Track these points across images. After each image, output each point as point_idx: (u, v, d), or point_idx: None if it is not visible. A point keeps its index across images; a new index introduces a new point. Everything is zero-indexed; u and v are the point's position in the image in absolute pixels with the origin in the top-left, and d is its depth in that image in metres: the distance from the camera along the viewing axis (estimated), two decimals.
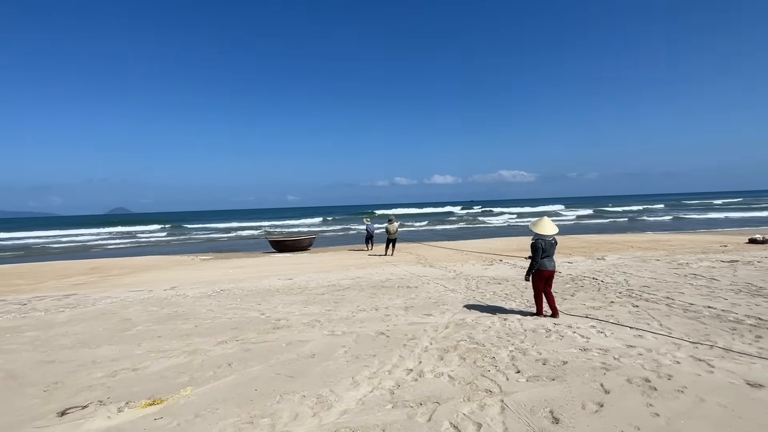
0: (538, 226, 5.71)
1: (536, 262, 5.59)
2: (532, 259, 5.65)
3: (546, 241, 5.56)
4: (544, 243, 5.55)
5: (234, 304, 7.86)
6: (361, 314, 6.61)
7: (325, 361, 4.46)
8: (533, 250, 5.64)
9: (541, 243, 5.56)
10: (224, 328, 6.11)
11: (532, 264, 5.66)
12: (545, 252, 5.56)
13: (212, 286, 10.18)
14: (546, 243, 5.56)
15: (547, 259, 5.63)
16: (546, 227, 5.66)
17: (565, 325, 5.41)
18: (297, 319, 6.44)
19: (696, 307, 6.07)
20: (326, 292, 8.70)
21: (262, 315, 6.87)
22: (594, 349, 4.42)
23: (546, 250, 5.56)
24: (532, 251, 5.68)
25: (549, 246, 5.58)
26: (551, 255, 5.65)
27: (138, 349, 5.29)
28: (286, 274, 11.87)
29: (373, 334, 5.42)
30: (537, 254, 5.57)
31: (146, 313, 7.39)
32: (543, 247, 5.54)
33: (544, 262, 5.62)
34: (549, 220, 5.80)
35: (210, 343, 5.36)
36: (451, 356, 4.42)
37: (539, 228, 5.69)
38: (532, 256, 5.66)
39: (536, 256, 5.58)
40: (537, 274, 5.69)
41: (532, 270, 5.68)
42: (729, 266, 9.92)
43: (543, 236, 5.61)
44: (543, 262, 5.61)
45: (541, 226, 5.70)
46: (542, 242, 5.56)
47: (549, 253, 5.61)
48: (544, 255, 5.57)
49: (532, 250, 5.65)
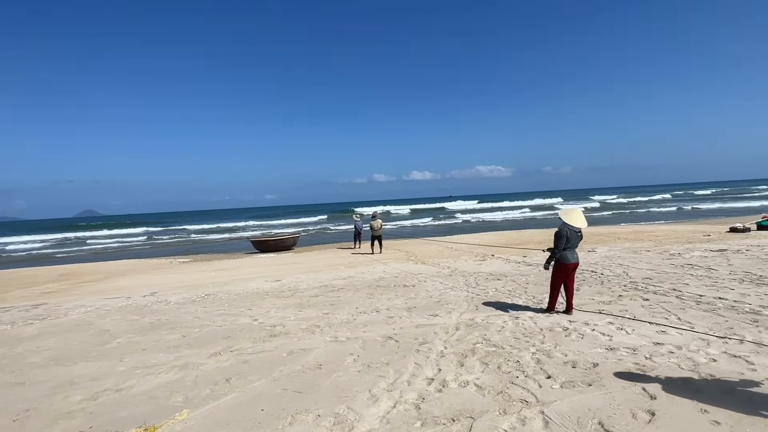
0: (569, 216, 5.40)
1: (558, 251, 5.31)
2: (553, 248, 5.36)
3: (572, 231, 5.29)
4: (569, 232, 5.27)
5: (222, 310, 7.34)
6: (362, 317, 6.22)
7: (334, 372, 4.06)
8: (557, 237, 5.32)
9: (567, 231, 5.26)
10: (215, 337, 5.62)
11: (552, 253, 5.37)
12: (569, 242, 5.27)
13: (195, 291, 9.59)
14: (571, 233, 5.28)
15: (570, 251, 5.35)
16: (577, 218, 5.36)
17: (581, 323, 5.17)
18: (294, 325, 6.00)
19: (707, 299, 5.93)
20: (320, 294, 8.26)
21: (254, 321, 6.39)
22: (621, 348, 4.16)
23: (570, 239, 5.28)
24: (555, 239, 5.37)
25: (574, 237, 5.30)
26: (575, 247, 5.37)
27: (121, 365, 4.75)
28: (273, 276, 11.35)
29: (381, 339, 5.04)
30: (560, 242, 5.26)
31: (126, 323, 6.80)
32: (568, 235, 5.25)
33: (566, 254, 5.33)
34: (581, 211, 5.52)
35: (202, 355, 4.88)
36: (471, 361, 4.09)
37: (569, 218, 5.37)
38: (555, 243, 5.35)
39: (559, 244, 5.27)
40: (559, 267, 5.41)
41: (552, 259, 5.39)
42: (721, 255, 9.97)
43: (571, 227, 5.32)
44: (565, 254, 5.33)
45: (571, 216, 5.40)
46: (567, 230, 5.27)
47: (573, 245, 5.34)
48: (568, 245, 5.29)
49: (556, 238, 5.33)
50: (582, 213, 5.46)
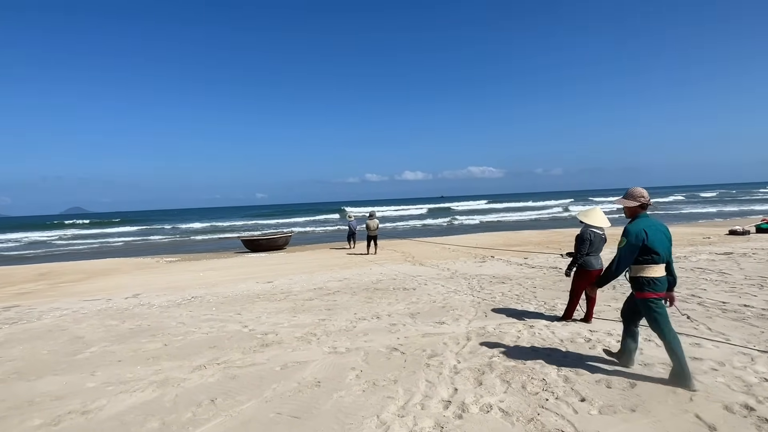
0: (589, 217, 4.94)
1: (581, 256, 4.85)
2: (576, 253, 4.89)
3: (596, 235, 4.83)
4: (593, 236, 4.81)
5: (209, 315, 6.79)
6: (362, 324, 5.72)
7: (335, 392, 3.56)
8: (579, 241, 4.87)
9: (590, 235, 4.81)
10: (200, 347, 5.08)
11: (575, 259, 4.91)
12: (593, 246, 4.82)
13: (181, 293, 9.01)
14: (595, 236, 4.83)
15: (594, 255, 4.90)
16: (598, 218, 4.91)
17: (603, 333, 4.73)
18: (288, 333, 5.48)
19: (732, 306, 5.54)
20: (314, 297, 7.74)
21: (244, 328, 5.86)
22: (656, 364, 3.72)
23: (594, 243, 4.82)
24: (577, 243, 4.91)
25: (598, 240, 4.85)
26: (599, 251, 4.92)
27: (91, 379, 4.20)
28: (264, 277, 10.80)
29: (385, 351, 4.55)
30: (583, 247, 4.81)
31: (103, 329, 6.23)
32: (591, 239, 4.79)
33: (590, 259, 4.88)
34: (600, 210, 5.06)
35: (184, 369, 4.34)
36: (490, 379, 3.62)
37: (590, 218, 4.92)
38: (576, 249, 4.89)
39: (581, 249, 4.82)
40: (582, 274, 4.95)
41: (574, 265, 4.93)
42: (729, 259, 9.66)
43: (594, 228, 4.87)
44: (589, 260, 4.87)
45: (592, 216, 4.94)
46: (591, 234, 4.82)
47: (597, 249, 4.88)
48: (592, 251, 4.83)
49: (578, 242, 4.88)
50: (602, 212, 5.01)
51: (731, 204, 42.18)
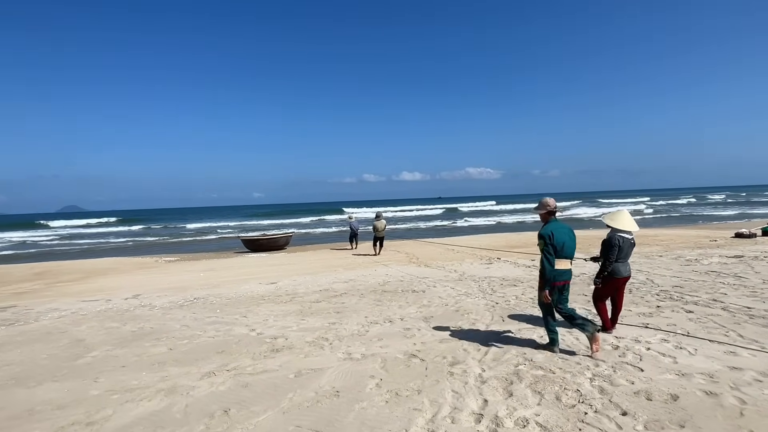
0: (617, 220, 4.67)
1: (610, 263, 4.58)
2: (604, 260, 4.62)
3: (625, 240, 4.57)
4: (622, 241, 4.55)
5: (213, 317, 6.57)
6: (374, 328, 5.51)
7: (356, 402, 3.35)
8: (608, 247, 4.58)
9: (619, 240, 4.54)
10: (208, 352, 4.86)
11: (604, 265, 4.62)
12: (622, 252, 4.55)
13: (183, 294, 8.77)
14: (624, 242, 4.56)
15: (622, 262, 4.63)
16: (626, 222, 4.62)
17: (631, 339, 4.54)
18: (298, 337, 5.27)
19: (758, 312, 5.36)
20: (321, 299, 7.52)
21: (252, 331, 5.64)
22: (695, 375, 3.53)
23: (624, 249, 4.56)
24: (605, 249, 4.62)
25: (627, 246, 4.57)
26: (628, 257, 4.65)
27: (94, 387, 3.97)
28: (267, 278, 10.57)
29: (403, 357, 4.34)
30: (612, 254, 4.52)
31: (104, 332, 6.00)
32: (620, 244, 4.54)
33: (618, 266, 4.60)
34: (628, 213, 4.80)
35: (193, 376, 4.12)
36: (521, 389, 3.41)
37: (618, 222, 4.64)
38: (605, 255, 4.62)
39: (611, 255, 4.53)
40: (609, 282, 4.67)
41: (603, 273, 4.66)
42: (740, 262, 9.49)
43: (622, 232, 4.61)
44: (617, 267, 4.59)
45: (620, 219, 4.66)
46: (620, 239, 4.56)
47: (626, 255, 4.61)
48: (621, 256, 4.57)
49: (606, 248, 4.60)
50: (629, 215, 4.76)
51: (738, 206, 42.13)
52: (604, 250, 4.63)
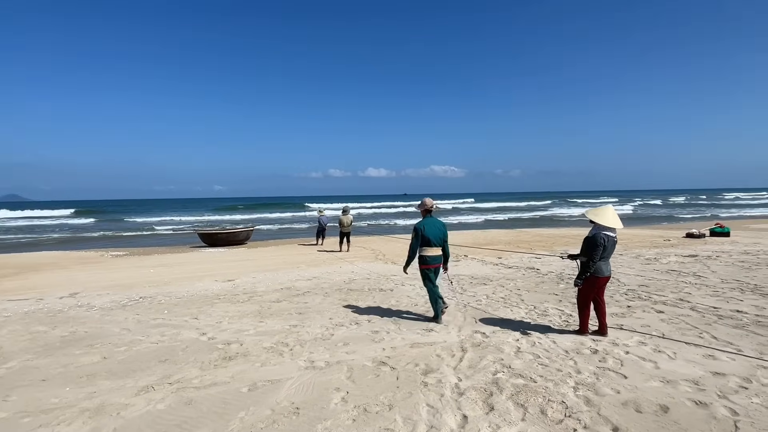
0: (602, 216, 4.41)
1: (594, 263, 4.36)
2: (588, 259, 4.37)
3: (609, 238, 4.36)
4: (606, 240, 4.34)
5: (160, 319, 5.92)
6: (340, 331, 5.08)
7: (319, 422, 2.92)
8: (591, 245, 4.34)
9: (604, 239, 4.33)
10: (148, 361, 4.26)
11: (587, 265, 4.38)
12: (605, 250, 4.35)
13: (128, 292, 7.98)
14: (609, 240, 4.35)
15: (604, 261, 4.43)
16: (611, 219, 4.38)
17: (608, 342, 4.36)
18: (254, 342, 4.76)
19: (725, 312, 5.38)
20: (282, 299, 7.00)
21: (202, 336, 5.07)
22: (680, 382, 3.36)
23: (607, 248, 4.36)
24: (588, 248, 4.37)
25: (611, 245, 4.37)
26: (610, 256, 4.45)
27: (2, 407, 3.32)
28: (224, 274, 9.87)
29: (371, 365, 3.94)
30: (596, 253, 4.30)
31: (28, 337, 5.23)
32: (605, 243, 4.32)
33: (601, 265, 4.40)
34: (613, 210, 4.57)
35: (127, 391, 3.54)
36: (502, 402, 3.11)
37: (602, 218, 4.38)
38: (588, 254, 4.39)
39: (595, 254, 4.30)
40: (591, 282, 4.45)
41: (586, 274, 4.45)
42: (696, 261, 9.79)
43: (607, 230, 4.39)
44: (599, 266, 4.38)
45: (604, 216, 4.40)
46: (605, 238, 4.34)
47: (609, 254, 4.41)
48: (604, 255, 4.36)
49: (590, 247, 4.35)
50: (614, 211, 4.51)
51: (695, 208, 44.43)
52: (587, 249, 4.40)
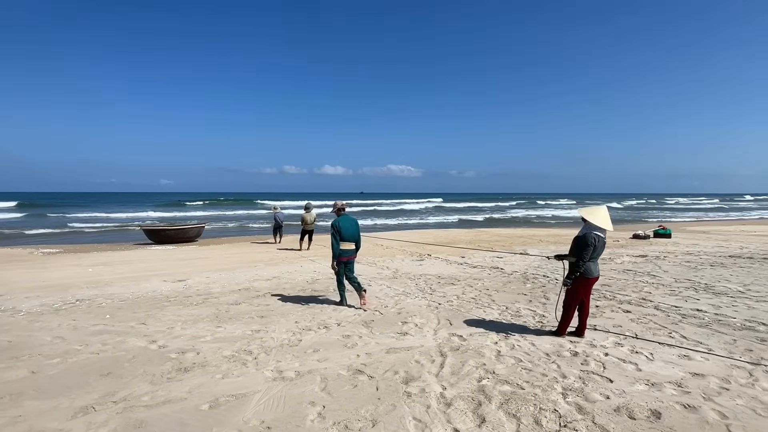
0: (595, 216, 4.31)
1: (583, 263, 4.28)
2: (578, 259, 4.27)
3: (600, 238, 4.29)
4: (597, 240, 4.26)
5: (101, 325, 5.27)
6: (308, 336, 4.72)
7: None
8: (581, 245, 4.25)
9: (594, 239, 4.25)
10: (88, 375, 3.70)
11: (576, 265, 4.29)
12: (595, 251, 4.28)
13: (62, 294, 7.13)
14: (599, 240, 4.28)
15: (593, 262, 4.37)
16: (604, 220, 4.29)
17: (586, 344, 4.31)
18: (213, 350, 4.29)
19: (686, 311, 5.54)
20: (241, 301, 6.50)
21: (152, 343, 4.53)
22: (664, 384, 3.32)
23: (597, 249, 4.28)
24: (578, 248, 4.29)
25: (601, 245, 4.30)
26: (599, 257, 4.39)
27: None
28: (174, 274, 9.12)
29: (347, 374, 3.63)
30: (586, 253, 4.21)
31: None
32: (595, 243, 4.25)
33: (590, 266, 4.33)
34: (607, 210, 4.50)
35: (61, 414, 3.01)
36: (492, 412, 2.91)
37: (596, 218, 4.29)
38: (578, 254, 4.28)
39: (585, 254, 4.22)
40: (580, 283, 4.37)
41: (575, 274, 4.36)
42: (647, 261, 10.26)
43: (597, 230, 4.31)
44: (589, 266, 4.32)
45: (597, 216, 4.31)
46: (596, 238, 4.27)
47: (598, 254, 4.35)
48: (593, 256, 4.29)
49: (580, 246, 4.27)
50: (607, 211, 4.42)
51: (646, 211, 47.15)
52: (577, 249, 4.31)
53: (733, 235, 17.10)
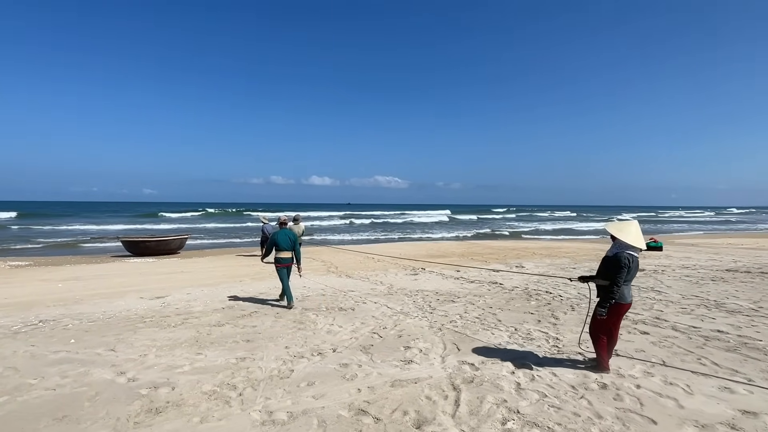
0: (625, 232, 3.80)
1: (618, 287, 3.76)
2: (612, 283, 3.74)
3: (633, 258, 3.81)
4: (631, 261, 3.80)
5: (63, 352, 4.64)
6: (301, 365, 4.18)
7: None
8: (614, 267, 3.73)
9: (628, 259, 3.79)
10: (38, 419, 3.11)
11: (611, 290, 3.75)
12: (629, 273, 3.80)
13: (23, 314, 6.45)
14: (633, 261, 3.81)
15: (627, 286, 3.88)
16: (636, 236, 3.79)
17: (613, 373, 3.88)
18: (191, 384, 3.72)
19: (707, 332, 5.17)
20: (225, 321, 5.92)
21: (120, 376, 3.94)
22: (717, 426, 2.89)
23: (632, 270, 3.82)
24: (610, 269, 3.77)
25: (635, 266, 3.82)
26: (632, 280, 3.90)
27: None
28: (152, 290, 8.46)
29: (348, 416, 3.11)
30: (621, 275, 3.69)
31: None
32: (629, 265, 3.78)
33: (623, 290, 3.81)
34: (638, 226, 4.04)
35: None
36: None
37: (627, 235, 3.77)
38: (611, 277, 3.75)
39: (619, 277, 3.69)
40: (613, 309, 3.84)
41: (610, 301, 3.78)
42: (646, 275, 9.94)
43: (631, 249, 3.84)
44: (623, 291, 3.80)
45: (628, 232, 3.80)
46: (629, 258, 3.80)
47: (632, 278, 3.85)
48: (627, 279, 3.80)
49: (612, 268, 3.75)
50: (639, 227, 3.90)
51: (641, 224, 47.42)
52: (608, 271, 3.80)
53: (722, 248, 17.07)
